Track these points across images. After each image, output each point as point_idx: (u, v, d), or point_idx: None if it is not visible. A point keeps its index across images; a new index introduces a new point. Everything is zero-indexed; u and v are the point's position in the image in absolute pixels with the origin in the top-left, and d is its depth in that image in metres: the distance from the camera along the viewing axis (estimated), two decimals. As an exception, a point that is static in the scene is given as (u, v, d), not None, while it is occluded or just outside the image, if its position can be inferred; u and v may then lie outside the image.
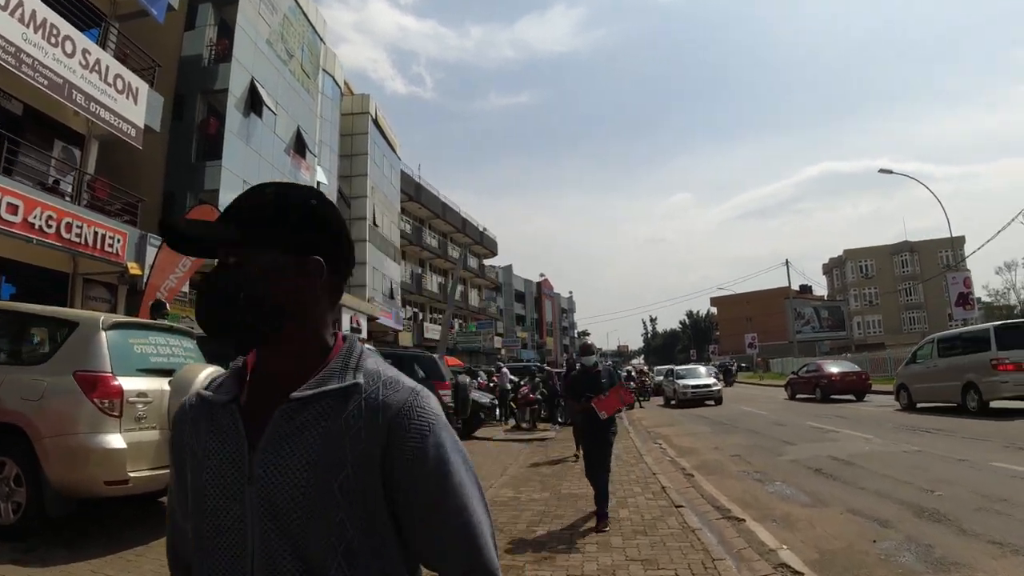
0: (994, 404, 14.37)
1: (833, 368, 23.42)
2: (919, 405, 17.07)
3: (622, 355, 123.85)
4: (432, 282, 50.51)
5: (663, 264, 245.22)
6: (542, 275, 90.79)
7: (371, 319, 30.26)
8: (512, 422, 17.93)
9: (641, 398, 27.65)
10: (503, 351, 59.48)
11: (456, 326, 54.24)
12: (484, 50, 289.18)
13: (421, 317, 48.36)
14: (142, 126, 16.16)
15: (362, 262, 32.31)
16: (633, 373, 30.75)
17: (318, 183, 27.00)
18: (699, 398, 24.34)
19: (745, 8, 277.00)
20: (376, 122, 34.96)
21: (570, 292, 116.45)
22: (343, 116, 33.02)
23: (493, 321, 59.49)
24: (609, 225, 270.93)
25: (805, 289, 78.58)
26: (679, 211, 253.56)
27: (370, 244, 32.91)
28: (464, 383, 12.15)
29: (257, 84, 21.37)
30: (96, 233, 14.44)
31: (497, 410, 17.07)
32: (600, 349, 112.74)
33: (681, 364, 43.24)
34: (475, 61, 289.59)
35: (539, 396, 18.29)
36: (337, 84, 31.48)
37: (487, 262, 67.11)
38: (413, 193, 45.90)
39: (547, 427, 17.73)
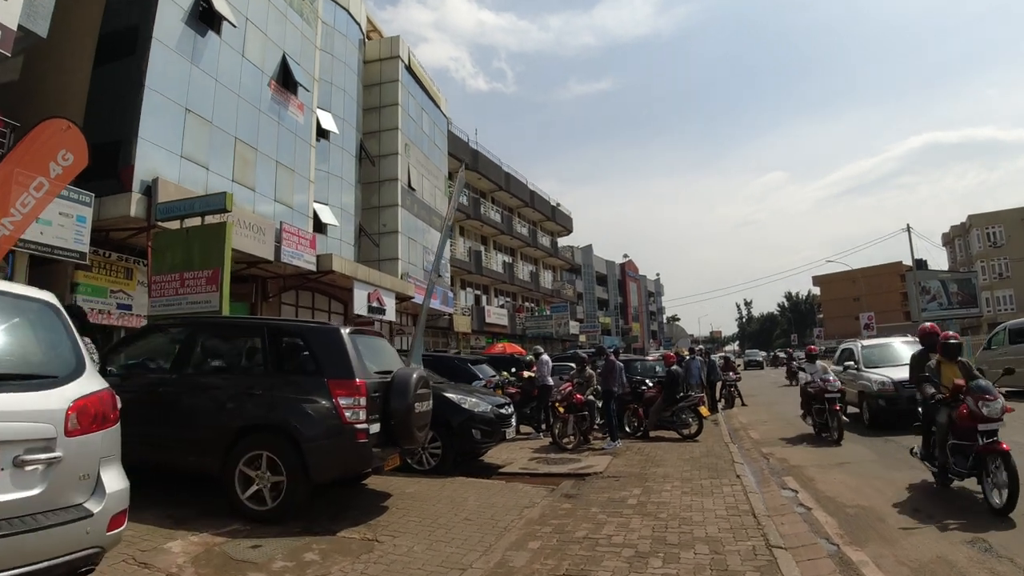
0: None
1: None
2: None
3: (715, 341, 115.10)
4: (495, 260, 44.75)
5: (757, 246, 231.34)
6: (625, 256, 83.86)
7: (402, 298, 24.70)
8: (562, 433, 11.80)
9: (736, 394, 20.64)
10: (582, 337, 53.34)
11: (527, 309, 48.70)
12: (563, 39, 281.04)
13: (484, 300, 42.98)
14: (14, 28, 11.09)
15: (393, 231, 26.83)
16: (732, 360, 23.85)
17: (322, 129, 21.61)
18: None
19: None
20: (410, 69, 29.32)
21: (657, 274, 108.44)
22: (368, 64, 27.63)
23: (568, 304, 53.21)
24: (698, 207, 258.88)
25: (920, 265, 69.51)
26: (773, 190, 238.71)
27: (403, 210, 27.32)
28: (404, 381, 6.24)
29: (210, -14, 15.98)
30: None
31: (515, 419, 10.68)
32: (692, 335, 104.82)
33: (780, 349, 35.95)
34: (555, 51, 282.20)
35: (591, 397, 12.14)
36: (355, 21, 25.98)
37: (561, 241, 60.88)
38: (470, 161, 40.19)
39: (602, 442, 11.64)
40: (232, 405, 6.18)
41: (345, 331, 6.35)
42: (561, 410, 11.63)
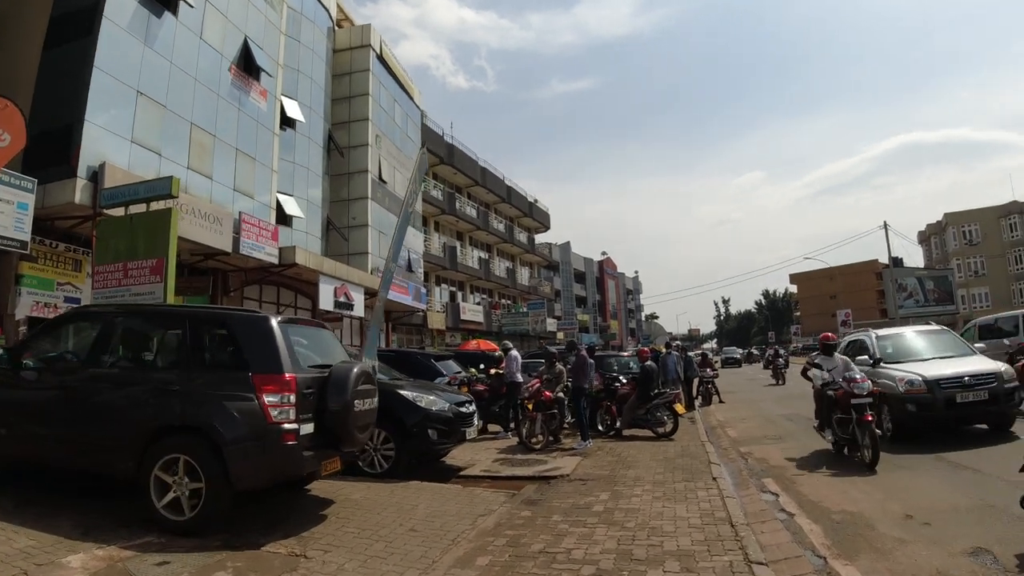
0: None
1: None
2: None
3: (693, 339, 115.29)
4: (471, 256, 44.04)
5: (735, 245, 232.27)
6: (604, 253, 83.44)
7: (372, 293, 23.94)
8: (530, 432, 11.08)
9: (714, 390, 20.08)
10: (560, 334, 52.78)
11: (503, 306, 48.06)
12: (544, 37, 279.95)
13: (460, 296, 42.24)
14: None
15: (364, 224, 26.05)
16: (710, 357, 23.36)
17: (287, 118, 20.82)
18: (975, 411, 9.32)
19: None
20: (381, 58, 28.53)
21: (636, 272, 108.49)
22: (338, 52, 26.84)
23: (545, 302, 52.62)
24: (677, 207, 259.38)
25: (896, 263, 69.91)
26: (750, 190, 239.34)
27: (373, 202, 26.53)
28: (343, 377, 5.55)
29: (162, -37, 15.17)
30: None
31: (477, 417, 9.78)
32: (670, 333, 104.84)
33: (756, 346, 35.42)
34: (536, 49, 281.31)
35: (560, 395, 11.51)
36: (324, 7, 25.19)
37: (539, 238, 60.21)
38: (445, 156, 39.53)
39: (572, 441, 11.01)
40: (148, 402, 5.49)
41: (275, 320, 5.65)
42: (529, 407, 10.99)
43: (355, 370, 5.78)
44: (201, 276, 17.32)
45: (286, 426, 5.21)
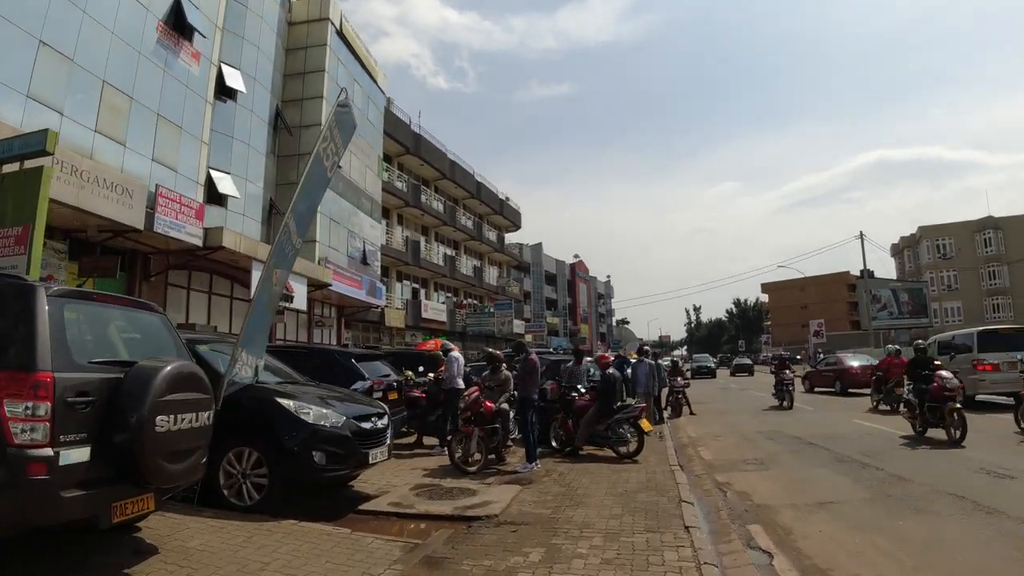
0: (978, 398, 15.59)
1: (853, 362, 23.92)
2: None
3: (663, 345, 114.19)
4: (436, 253, 42.09)
5: (708, 254, 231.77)
6: (576, 256, 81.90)
7: (317, 285, 21.94)
8: (465, 451, 9.20)
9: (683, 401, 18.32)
10: (528, 337, 51.01)
11: (468, 306, 46.23)
12: (526, 41, 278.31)
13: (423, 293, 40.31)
14: None
15: (312, 211, 23.98)
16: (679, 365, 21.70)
17: (227, 88, 18.80)
18: None
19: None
20: (341, 34, 26.53)
21: (608, 276, 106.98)
22: (293, 26, 24.82)
23: (513, 303, 50.81)
24: (652, 214, 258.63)
25: (869, 275, 69.38)
26: (726, 200, 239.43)
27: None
28: (142, 380, 3.71)
29: None
30: None
31: (385, 435, 7.58)
32: (641, 339, 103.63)
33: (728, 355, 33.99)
34: (517, 52, 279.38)
35: (504, 406, 9.66)
36: (278, -27, 23.17)
37: (509, 237, 58.40)
38: (411, 145, 37.64)
39: (517, 461, 9.23)
40: None
41: (43, 289, 3.77)
42: (468, 416, 9.16)
43: (165, 371, 3.92)
44: (111, 255, 15.21)
45: (34, 451, 3.35)
